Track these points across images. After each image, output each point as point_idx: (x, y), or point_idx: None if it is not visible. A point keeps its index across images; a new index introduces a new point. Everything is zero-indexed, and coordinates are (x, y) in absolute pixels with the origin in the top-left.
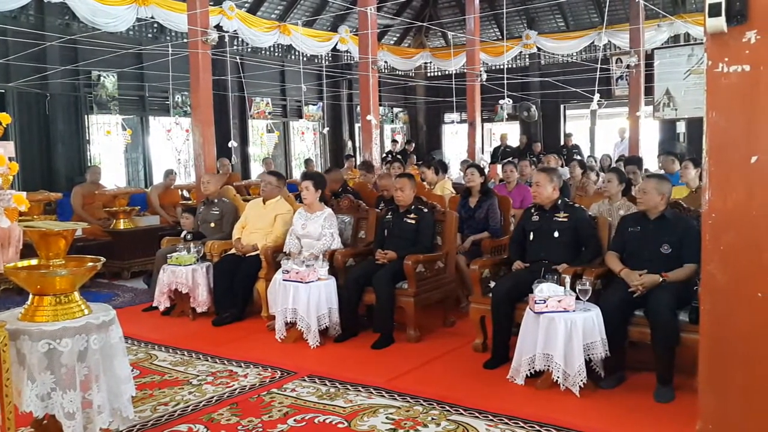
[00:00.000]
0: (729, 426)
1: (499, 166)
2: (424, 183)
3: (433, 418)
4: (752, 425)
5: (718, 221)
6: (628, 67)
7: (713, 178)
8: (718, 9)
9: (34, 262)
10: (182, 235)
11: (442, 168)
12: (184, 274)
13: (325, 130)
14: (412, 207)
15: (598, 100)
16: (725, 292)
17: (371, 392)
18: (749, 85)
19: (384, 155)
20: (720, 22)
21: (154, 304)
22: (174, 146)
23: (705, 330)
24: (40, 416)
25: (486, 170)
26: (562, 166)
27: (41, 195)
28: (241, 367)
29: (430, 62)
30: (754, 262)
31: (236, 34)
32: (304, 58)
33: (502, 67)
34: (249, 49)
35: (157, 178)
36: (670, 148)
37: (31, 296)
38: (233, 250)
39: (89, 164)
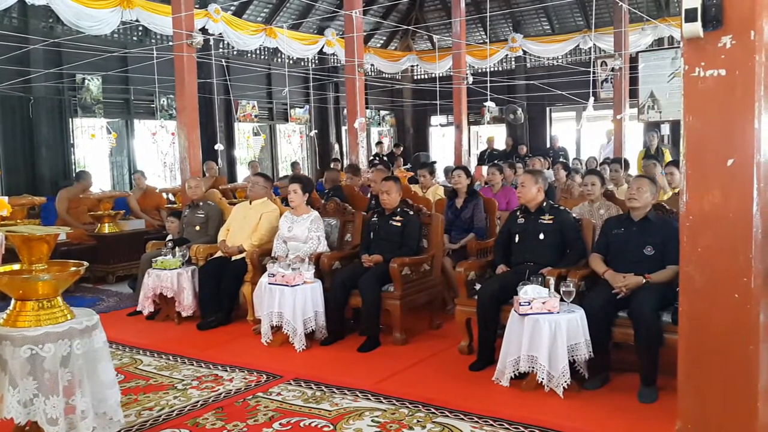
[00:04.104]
0: (708, 425)
1: (484, 168)
2: (416, 186)
3: (418, 421)
4: (730, 424)
5: (696, 223)
6: (612, 70)
7: (690, 181)
8: (694, 14)
9: (16, 266)
10: (166, 240)
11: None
12: (169, 278)
13: (312, 133)
14: (398, 209)
15: (593, 104)
16: (703, 293)
17: (357, 395)
18: (725, 89)
19: (371, 158)
20: (696, 27)
21: (138, 309)
22: (159, 149)
23: (683, 331)
24: (22, 423)
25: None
26: (548, 169)
27: (25, 199)
28: (226, 371)
29: (417, 65)
30: (730, 263)
31: (222, 36)
32: (290, 61)
33: (487, 70)
34: (235, 52)
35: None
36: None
37: (13, 301)
38: (219, 254)
39: (74, 168)
